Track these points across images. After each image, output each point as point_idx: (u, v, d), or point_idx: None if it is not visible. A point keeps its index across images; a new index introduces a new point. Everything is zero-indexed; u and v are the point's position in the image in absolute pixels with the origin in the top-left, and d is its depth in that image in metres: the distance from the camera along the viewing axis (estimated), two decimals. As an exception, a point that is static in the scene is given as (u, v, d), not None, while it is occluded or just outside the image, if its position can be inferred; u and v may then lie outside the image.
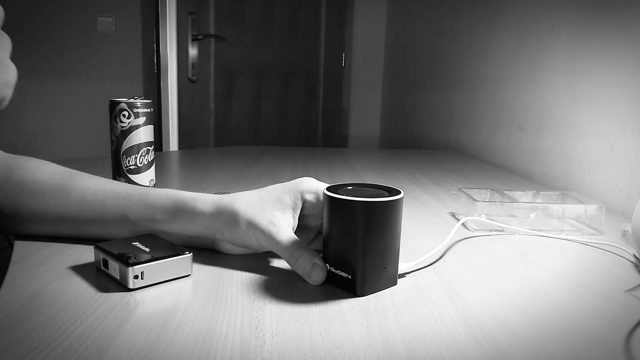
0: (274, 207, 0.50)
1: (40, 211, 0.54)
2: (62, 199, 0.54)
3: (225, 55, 2.71)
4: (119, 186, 0.55)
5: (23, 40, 2.64)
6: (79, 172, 0.58)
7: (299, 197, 0.51)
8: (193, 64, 2.64)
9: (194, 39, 2.61)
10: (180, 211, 0.52)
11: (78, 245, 0.54)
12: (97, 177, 0.57)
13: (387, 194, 0.46)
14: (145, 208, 0.52)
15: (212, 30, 2.66)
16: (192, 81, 2.66)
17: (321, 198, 0.50)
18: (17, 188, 0.55)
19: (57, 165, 0.59)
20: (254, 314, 0.40)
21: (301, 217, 0.52)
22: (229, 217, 0.50)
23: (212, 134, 2.78)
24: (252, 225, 0.49)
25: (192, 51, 2.63)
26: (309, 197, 0.51)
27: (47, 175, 0.56)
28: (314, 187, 0.51)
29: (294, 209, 0.50)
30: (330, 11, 2.92)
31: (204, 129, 2.75)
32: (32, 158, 0.59)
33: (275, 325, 0.39)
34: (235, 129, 2.80)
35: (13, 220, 0.55)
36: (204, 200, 0.52)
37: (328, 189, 0.47)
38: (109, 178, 0.70)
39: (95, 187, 0.54)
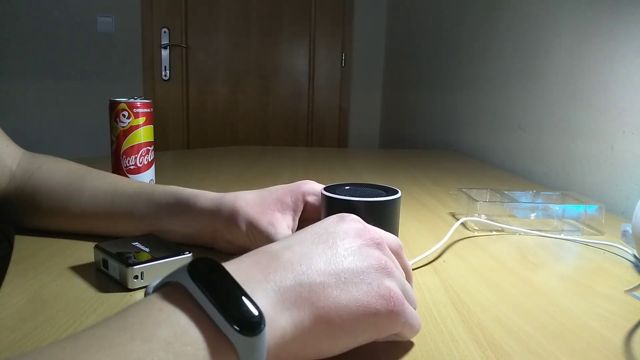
0: (274, 207, 0.50)
1: (57, 209, 0.57)
2: (77, 198, 0.56)
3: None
4: (128, 184, 0.57)
5: (23, 40, 2.64)
6: (92, 169, 0.60)
7: (301, 198, 0.50)
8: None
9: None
10: (182, 208, 0.52)
11: (78, 246, 0.54)
12: (109, 175, 0.60)
13: (384, 193, 0.46)
14: (151, 206, 0.53)
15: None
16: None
17: None
18: (36, 189, 0.57)
19: (72, 163, 0.61)
20: (254, 314, 0.40)
21: (302, 221, 0.52)
22: (229, 216, 0.50)
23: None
24: (252, 225, 0.49)
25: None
26: (311, 200, 0.50)
27: (63, 175, 0.59)
28: (316, 189, 0.51)
29: (294, 211, 0.50)
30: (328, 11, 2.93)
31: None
32: (49, 157, 0.61)
33: (275, 325, 0.38)
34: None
35: (33, 217, 0.59)
36: (205, 197, 0.52)
37: (326, 188, 0.47)
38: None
39: (106, 187, 0.56)
